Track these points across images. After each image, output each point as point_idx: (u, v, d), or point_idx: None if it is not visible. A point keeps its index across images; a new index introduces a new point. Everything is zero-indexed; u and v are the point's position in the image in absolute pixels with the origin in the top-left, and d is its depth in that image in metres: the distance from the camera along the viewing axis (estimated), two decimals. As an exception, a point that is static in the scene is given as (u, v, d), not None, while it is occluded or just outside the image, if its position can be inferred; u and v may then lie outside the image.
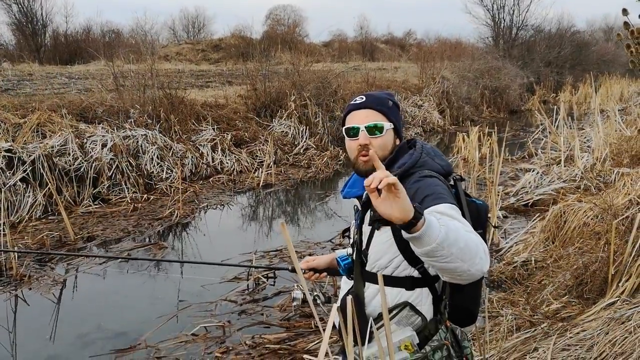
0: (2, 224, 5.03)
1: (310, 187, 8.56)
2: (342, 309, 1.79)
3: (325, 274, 1.98)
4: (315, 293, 1.98)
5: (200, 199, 7.44)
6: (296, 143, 10.67)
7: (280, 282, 4.59)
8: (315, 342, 3.48)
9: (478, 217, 1.70)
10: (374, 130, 1.68)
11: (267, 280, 4.59)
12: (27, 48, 23.65)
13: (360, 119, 1.71)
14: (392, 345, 1.50)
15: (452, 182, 1.72)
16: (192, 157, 8.69)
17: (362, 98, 1.75)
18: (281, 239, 5.88)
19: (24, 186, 6.36)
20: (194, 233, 6.21)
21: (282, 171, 9.20)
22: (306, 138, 10.78)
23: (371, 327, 1.62)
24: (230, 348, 3.49)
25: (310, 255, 2.18)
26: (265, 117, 11.40)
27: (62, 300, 4.44)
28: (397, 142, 1.77)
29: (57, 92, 10.65)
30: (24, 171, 6.41)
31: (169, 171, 8.07)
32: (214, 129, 9.77)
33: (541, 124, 10.53)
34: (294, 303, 2.00)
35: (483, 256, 1.40)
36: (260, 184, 8.28)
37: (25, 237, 5.54)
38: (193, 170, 8.57)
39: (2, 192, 5.84)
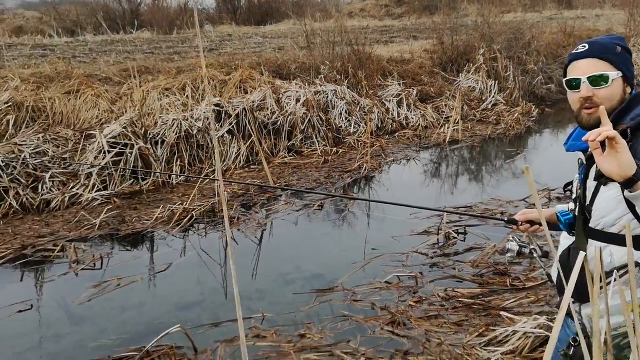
0: (217, 170, 5.62)
1: (498, 145, 8.21)
2: (563, 265, 1.72)
3: (544, 227, 1.90)
4: (532, 247, 1.92)
5: (386, 153, 7.55)
6: (484, 98, 10.25)
7: (471, 238, 4.52)
8: (512, 301, 3.39)
9: None
10: (598, 81, 1.55)
11: (458, 236, 4.55)
12: (225, 11, 25.53)
13: (582, 69, 1.58)
14: (625, 304, 1.41)
15: None
16: (378, 112, 8.80)
17: (585, 46, 1.62)
18: (469, 195, 5.76)
19: (230, 138, 6.99)
20: (382, 186, 6.35)
21: (469, 127, 8.93)
22: (495, 93, 10.29)
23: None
24: (424, 298, 3.55)
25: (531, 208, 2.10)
26: (452, 71, 11.09)
27: (263, 242, 4.86)
28: (628, 91, 1.61)
29: (255, 51, 11.42)
30: (230, 124, 7.03)
31: (356, 126, 8.28)
32: (399, 84, 9.75)
33: None
34: (508, 255, 1.96)
35: None
36: (447, 140, 8.14)
37: (233, 184, 6.11)
38: (379, 125, 8.69)
39: (213, 142, 6.52)
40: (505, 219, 1.99)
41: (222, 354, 3.02)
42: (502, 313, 3.17)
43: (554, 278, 1.86)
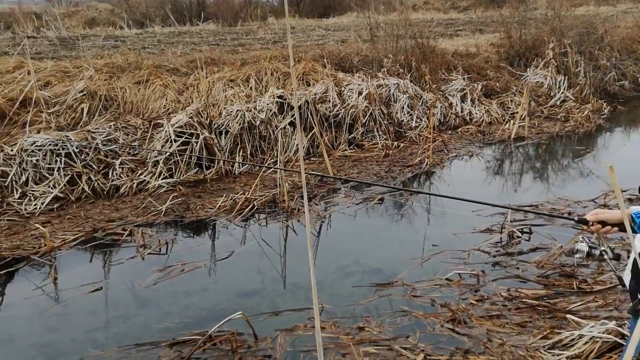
0: (279, 161, 5.70)
1: (566, 142, 7.93)
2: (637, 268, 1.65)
3: (616, 228, 1.83)
4: (602, 248, 1.85)
5: (448, 148, 7.42)
6: (552, 94, 9.91)
7: (536, 238, 4.40)
8: (578, 304, 3.28)
9: None
10: None
11: (522, 235, 4.43)
12: (288, 3, 25.71)
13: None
14: None
15: None
16: (441, 106, 8.66)
17: None
18: (534, 194, 5.60)
19: (292, 129, 7.05)
20: (443, 182, 6.25)
21: (536, 124, 8.66)
22: (564, 89, 9.92)
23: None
24: (485, 297, 3.48)
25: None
26: (519, 66, 10.77)
27: (322, 234, 4.88)
28: None
29: (317, 44, 11.45)
30: (292, 116, 7.09)
31: (418, 120, 8.18)
32: (463, 78, 9.56)
33: None
34: (577, 256, 1.90)
35: None
36: (512, 136, 7.93)
37: (293, 175, 6.17)
38: (442, 120, 8.56)
39: (275, 134, 6.61)
40: (575, 219, 1.92)
41: (281, 342, 3.06)
42: (567, 316, 3.07)
43: (626, 282, 1.79)
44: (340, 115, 7.48)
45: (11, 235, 4.65)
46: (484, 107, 9.04)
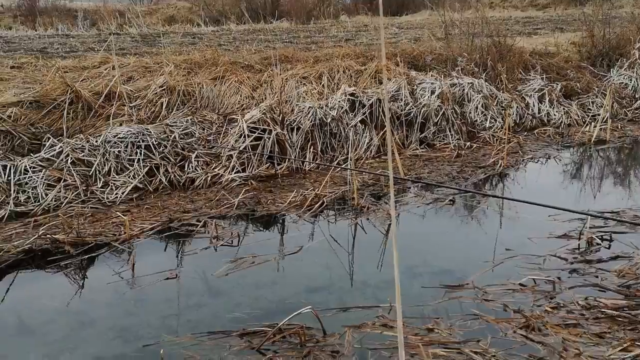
0: (350, 159, 5.72)
1: (652, 147, 7.52)
2: None
3: None
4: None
5: (524, 150, 7.20)
6: (637, 96, 9.41)
7: (617, 246, 4.20)
8: (664, 318, 3.11)
9: None
10: None
11: (602, 243, 4.25)
12: (361, 1, 25.69)
13: None
14: None
15: None
16: (517, 107, 8.41)
17: None
18: (614, 200, 5.34)
19: (363, 127, 7.04)
20: (517, 184, 6.08)
21: (619, 127, 8.26)
22: (652, 91, 9.41)
23: None
24: (561, 305, 3.36)
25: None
26: (601, 66, 10.30)
27: (389, 233, 4.85)
28: None
29: (390, 42, 11.38)
30: (363, 114, 7.09)
31: (492, 120, 7.98)
32: (542, 78, 9.24)
33: None
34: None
35: None
36: (592, 139, 7.59)
37: (363, 173, 6.17)
38: (517, 121, 8.31)
39: (346, 131, 6.64)
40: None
41: (349, 339, 3.07)
42: (651, 330, 2.92)
43: None
44: (412, 114, 7.41)
45: (94, 222, 4.90)
46: (563, 109, 8.71)
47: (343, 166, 6.28)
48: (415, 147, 7.24)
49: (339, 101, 7.05)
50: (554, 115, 8.55)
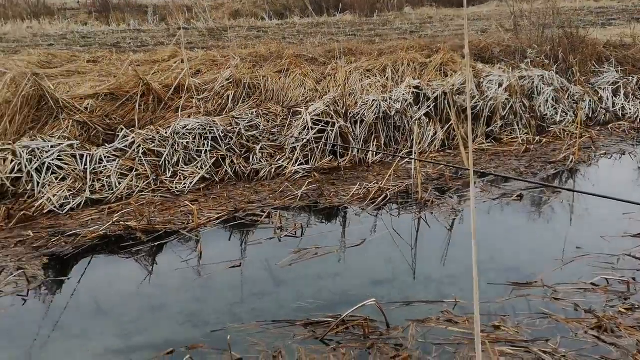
0: (414, 152, 5.66)
1: None
2: None
3: None
4: None
5: (596, 145, 6.91)
6: None
7: (699, 248, 3.98)
8: None
9: None
10: None
11: (683, 243, 4.03)
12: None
13: None
14: None
15: None
16: (590, 100, 8.08)
17: None
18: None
19: (427, 120, 6.95)
20: (589, 180, 5.84)
21: (701, 122, 7.79)
22: None
23: None
24: (636, 306, 3.22)
25: None
26: (683, 58, 9.73)
27: (455, 227, 4.77)
28: None
29: (456, 34, 11.16)
30: (428, 107, 6.99)
31: (563, 114, 7.69)
32: (617, 71, 8.83)
33: None
34: None
35: None
36: (672, 135, 7.21)
37: (427, 167, 6.09)
38: (590, 115, 7.98)
39: (410, 125, 6.58)
40: None
41: (413, 333, 3.05)
42: None
43: None
44: (478, 107, 7.25)
45: (164, 210, 5.07)
46: (640, 102, 8.30)
47: (416, 158, 6.22)
48: (482, 141, 7.08)
49: (403, 94, 6.98)
50: (630, 109, 8.16)
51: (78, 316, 3.50)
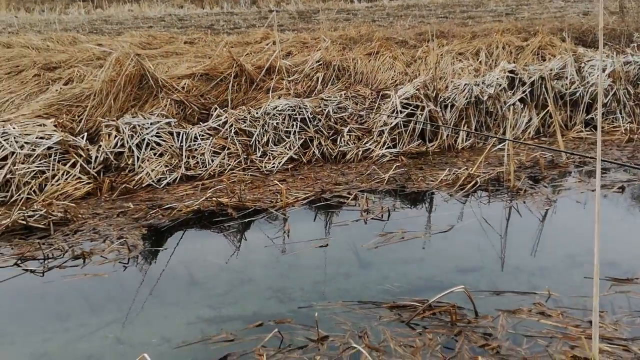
0: (507, 140, 5.47)
1: None
2: None
3: None
4: None
5: None
6: None
7: None
8: None
9: None
10: None
11: None
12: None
13: None
14: None
15: None
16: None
17: None
18: None
19: (522, 106, 6.69)
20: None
21: None
22: None
23: None
24: None
25: None
26: None
27: (548, 218, 4.57)
28: None
29: (555, 16, 10.62)
30: (523, 92, 6.72)
31: (672, 103, 7.16)
32: None
33: None
34: None
35: None
36: None
37: (520, 154, 5.88)
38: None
39: (503, 110, 6.36)
40: None
41: (503, 323, 2.98)
42: None
43: None
44: (577, 94, 6.88)
45: (253, 189, 5.21)
46: None
47: (521, 141, 6.03)
48: (580, 129, 6.73)
49: (497, 78, 6.75)
50: None
51: (173, 285, 3.68)
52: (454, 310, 3.04)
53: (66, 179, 5.08)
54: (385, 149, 6.06)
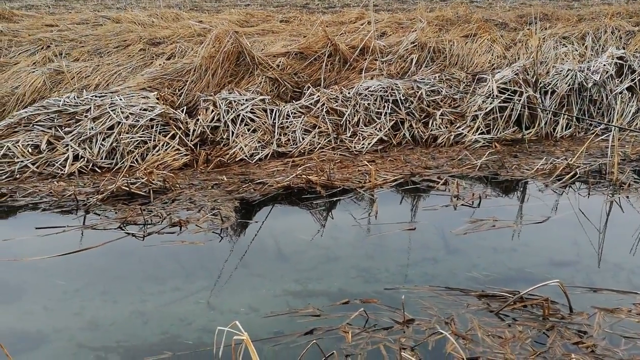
0: (613, 129, 5.16)
1: None
2: None
3: None
4: None
5: None
6: None
7: None
8: None
9: None
10: None
11: None
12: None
13: None
14: None
15: None
16: None
17: None
18: None
19: (629, 95, 6.27)
20: None
21: None
22: None
23: None
24: None
25: None
26: None
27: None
28: None
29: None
30: (632, 80, 6.30)
31: None
32: None
33: None
34: None
35: None
36: None
37: (626, 146, 5.54)
38: None
39: (609, 99, 5.99)
40: None
41: (599, 321, 2.84)
42: None
43: None
44: (694, 84, 6.37)
45: (342, 168, 5.24)
46: None
47: (625, 128, 5.70)
48: (694, 122, 6.23)
49: (604, 65, 6.36)
50: None
51: (261, 257, 3.80)
52: (547, 304, 2.94)
53: (166, 150, 5.33)
54: (479, 134, 5.89)
